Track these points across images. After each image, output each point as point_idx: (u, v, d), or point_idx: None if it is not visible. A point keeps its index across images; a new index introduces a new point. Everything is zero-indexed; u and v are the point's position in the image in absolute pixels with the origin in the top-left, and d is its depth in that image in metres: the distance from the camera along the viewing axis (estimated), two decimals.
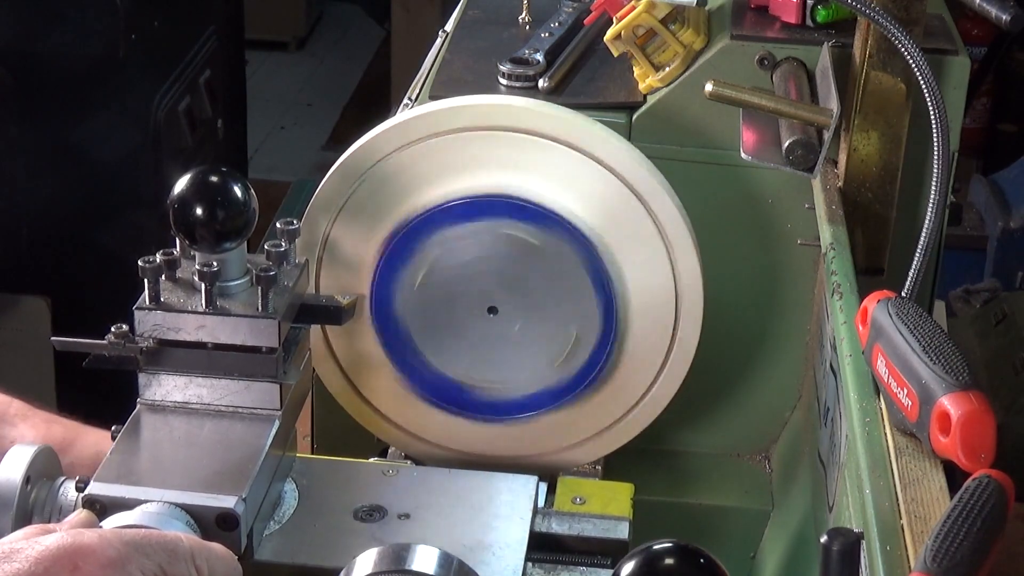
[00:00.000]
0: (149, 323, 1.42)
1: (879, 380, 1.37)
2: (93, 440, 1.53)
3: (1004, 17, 1.59)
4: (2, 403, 1.58)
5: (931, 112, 1.59)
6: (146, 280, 1.41)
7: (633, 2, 1.88)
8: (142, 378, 1.45)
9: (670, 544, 1.16)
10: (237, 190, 1.43)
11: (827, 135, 1.70)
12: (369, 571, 1.26)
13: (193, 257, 1.45)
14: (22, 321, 3.32)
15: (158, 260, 1.42)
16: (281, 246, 1.47)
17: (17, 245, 3.30)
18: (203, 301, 1.41)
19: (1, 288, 3.32)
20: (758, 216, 1.92)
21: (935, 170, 1.58)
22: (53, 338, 1.44)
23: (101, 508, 1.32)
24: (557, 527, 1.47)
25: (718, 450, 2.03)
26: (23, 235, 3.30)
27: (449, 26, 2.21)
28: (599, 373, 1.71)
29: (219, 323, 1.42)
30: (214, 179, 1.43)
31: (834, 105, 1.70)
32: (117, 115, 3.26)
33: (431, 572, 1.26)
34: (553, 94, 1.91)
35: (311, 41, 6.86)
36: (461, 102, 1.69)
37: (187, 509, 1.32)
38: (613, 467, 1.83)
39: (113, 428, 1.45)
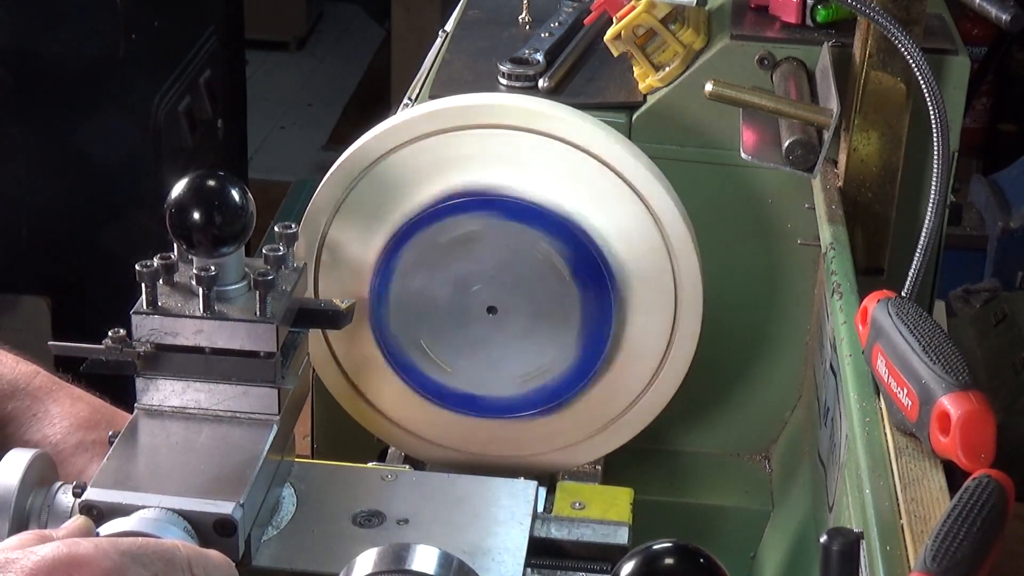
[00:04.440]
0: (146, 328, 1.42)
1: (879, 380, 1.37)
2: (121, 422, 1.50)
3: (1004, 17, 1.59)
4: (27, 374, 1.57)
5: (931, 112, 1.58)
6: (143, 284, 1.41)
7: (633, 2, 1.88)
8: (139, 383, 1.45)
9: (670, 544, 1.16)
10: (235, 194, 1.42)
11: (827, 135, 1.70)
12: (369, 571, 1.26)
13: (190, 261, 1.44)
14: (22, 321, 3.32)
15: (155, 264, 1.42)
16: (279, 250, 1.47)
17: (17, 245, 3.30)
18: (200, 306, 1.41)
19: (1, 288, 3.32)
20: (758, 216, 1.92)
21: (935, 170, 1.58)
22: (50, 343, 1.44)
23: (98, 514, 1.32)
24: (556, 532, 1.47)
25: (718, 450, 2.03)
26: (23, 235, 3.30)
27: (449, 26, 2.21)
28: (599, 372, 1.71)
29: (217, 328, 1.41)
30: (211, 183, 1.42)
31: (834, 105, 1.70)
32: (117, 115, 3.26)
33: (431, 572, 1.26)
34: (553, 94, 1.91)
35: (311, 41, 6.86)
36: (461, 101, 1.69)
37: (184, 515, 1.32)
38: (613, 467, 1.83)
39: (110, 433, 1.45)
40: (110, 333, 1.42)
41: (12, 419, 1.53)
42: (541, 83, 1.93)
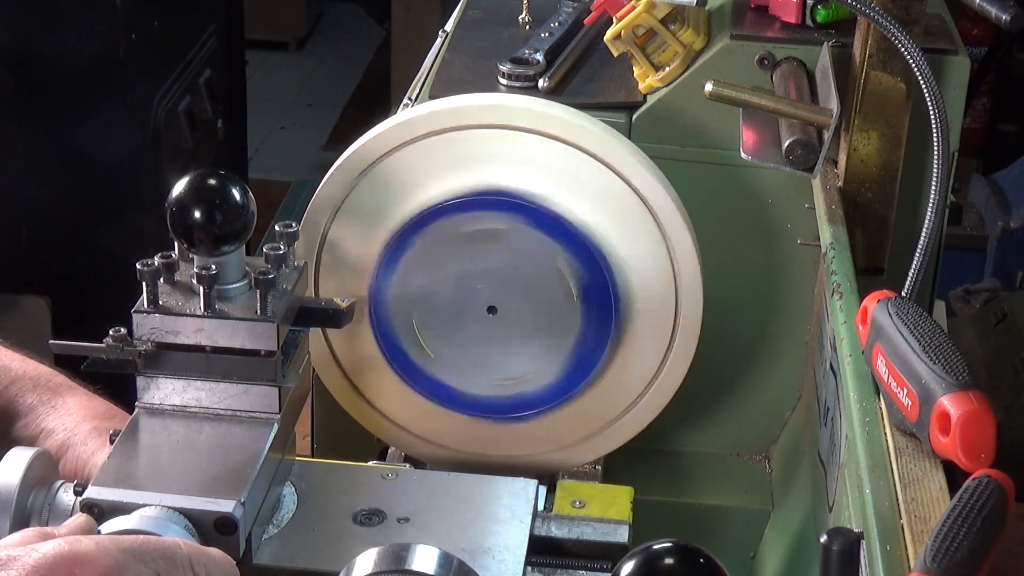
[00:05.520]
0: (147, 326, 1.42)
1: (879, 380, 1.37)
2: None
3: (1004, 17, 1.59)
4: (48, 373, 1.59)
5: (931, 112, 1.58)
6: (144, 283, 1.41)
7: (633, 2, 1.88)
8: (140, 381, 1.45)
9: (670, 544, 1.16)
10: (235, 193, 1.42)
11: (827, 135, 1.70)
12: (369, 571, 1.26)
13: (191, 260, 1.44)
14: (22, 321, 3.32)
15: (156, 263, 1.42)
16: (280, 249, 1.47)
17: (17, 245, 3.30)
18: (201, 304, 1.41)
19: (1, 288, 3.32)
20: (758, 216, 1.92)
21: (935, 170, 1.58)
22: (51, 342, 1.44)
23: (99, 512, 1.32)
24: (557, 531, 1.47)
25: (718, 450, 2.04)
26: (23, 235, 3.30)
27: (449, 26, 2.21)
28: (599, 372, 1.71)
29: (217, 326, 1.42)
30: (212, 182, 1.42)
31: (834, 105, 1.70)
32: (117, 115, 3.26)
33: (431, 572, 1.26)
34: (553, 94, 1.92)
35: (311, 41, 6.86)
36: (461, 101, 1.69)
37: (185, 513, 1.32)
38: (613, 467, 1.83)
39: (111, 432, 1.45)
40: (111, 332, 1.42)
41: (32, 409, 1.55)
42: (541, 83, 1.93)
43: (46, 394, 1.56)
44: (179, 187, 1.42)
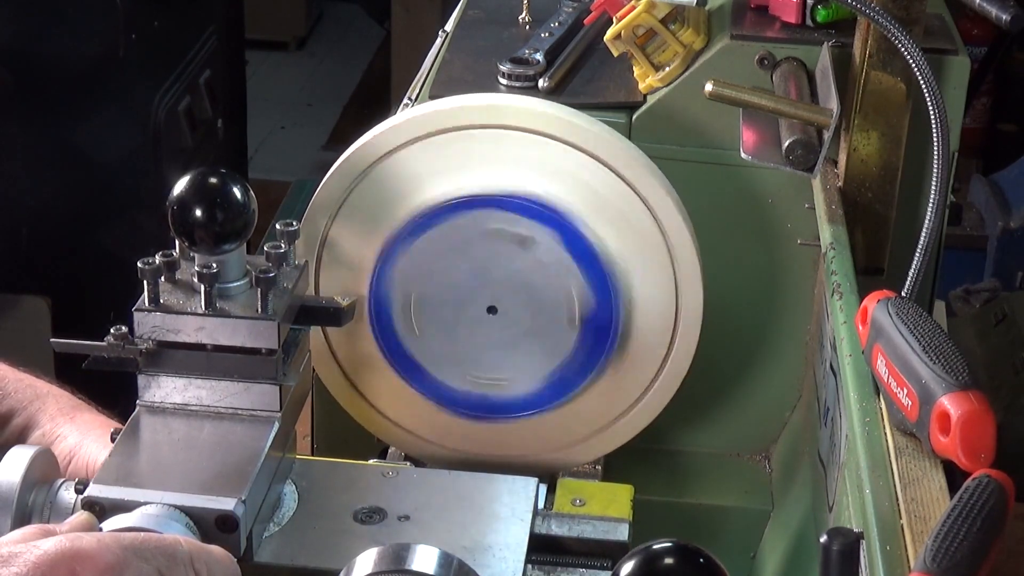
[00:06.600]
0: (148, 325, 1.42)
1: (879, 380, 1.37)
2: None
3: (1004, 17, 1.59)
4: (69, 395, 1.63)
5: (931, 112, 1.59)
6: (145, 282, 1.42)
7: (633, 2, 1.88)
8: (141, 380, 1.45)
9: (670, 544, 1.16)
10: (236, 192, 1.43)
11: (827, 135, 1.70)
12: (369, 571, 1.26)
13: (192, 259, 1.45)
14: (22, 321, 3.32)
15: (157, 262, 1.42)
16: (280, 247, 1.47)
17: (17, 245, 3.30)
18: (202, 303, 1.41)
19: (1, 288, 3.32)
20: (758, 216, 1.92)
21: (935, 170, 1.58)
22: (52, 339, 1.45)
23: (100, 510, 1.32)
24: (557, 529, 1.47)
25: (718, 450, 2.04)
26: (23, 235, 3.30)
27: (449, 26, 2.21)
28: (599, 372, 1.71)
29: (218, 325, 1.42)
30: (213, 181, 1.43)
31: (834, 105, 1.70)
32: (117, 115, 3.26)
33: (431, 572, 1.26)
34: (553, 94, 1.91)
35: (311, 41, 6.86)
36: (460, 101, 1.69)
37: (186, 511, 1.32)
38: (613, 467, 1.83)
39: (113, 430, 1.45)
40: (112, 330, 1.42)
41: (51, 419, 1.58)
42: (541, 83, 1.93)
43: (66, 407, 1.59)
44: (180, 185, 1.42)
